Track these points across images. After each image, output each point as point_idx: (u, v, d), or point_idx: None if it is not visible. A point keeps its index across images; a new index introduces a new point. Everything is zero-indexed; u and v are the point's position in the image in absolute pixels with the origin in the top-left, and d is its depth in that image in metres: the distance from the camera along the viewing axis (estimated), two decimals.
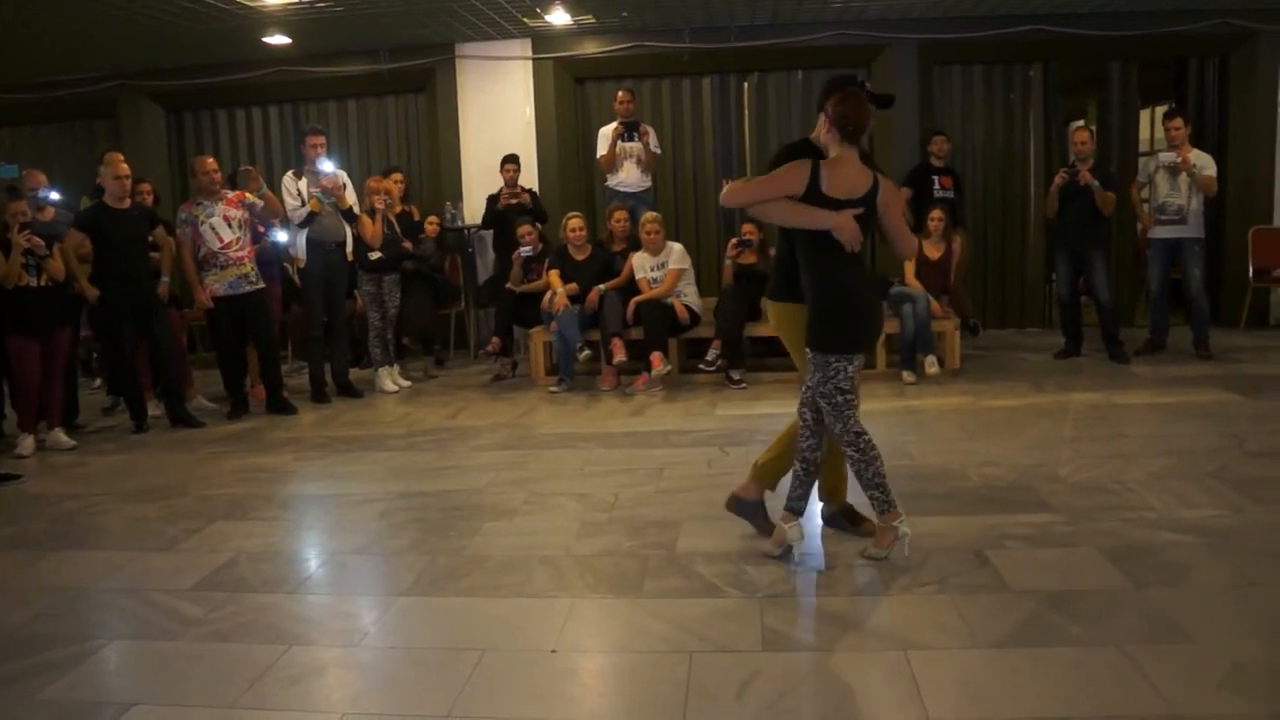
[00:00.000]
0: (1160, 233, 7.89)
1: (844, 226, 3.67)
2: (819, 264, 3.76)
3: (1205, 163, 7.73)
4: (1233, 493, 4.53)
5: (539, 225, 8.55)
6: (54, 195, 7.61)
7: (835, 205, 3.69)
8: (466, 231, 9.71)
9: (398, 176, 8.78)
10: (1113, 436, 5.71)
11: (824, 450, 3.90)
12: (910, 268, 7.78)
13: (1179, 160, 7.66)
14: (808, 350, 3.81)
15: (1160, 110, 9.24)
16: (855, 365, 3.78)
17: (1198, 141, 8.48)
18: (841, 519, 4.23)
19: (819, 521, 4.27)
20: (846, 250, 3.70)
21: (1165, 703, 2.72)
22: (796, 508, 3.89)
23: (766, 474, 4.20)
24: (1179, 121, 7.75)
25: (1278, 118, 9.23)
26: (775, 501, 4.10)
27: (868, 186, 3.73)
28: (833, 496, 4.26)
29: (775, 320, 4.15)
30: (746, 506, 4.21)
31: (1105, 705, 2.73)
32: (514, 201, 8.75)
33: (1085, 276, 8.04)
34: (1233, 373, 7.30)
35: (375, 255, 7.83)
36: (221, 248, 7.06)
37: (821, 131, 3.87)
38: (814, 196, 3.69)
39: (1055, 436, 5.72)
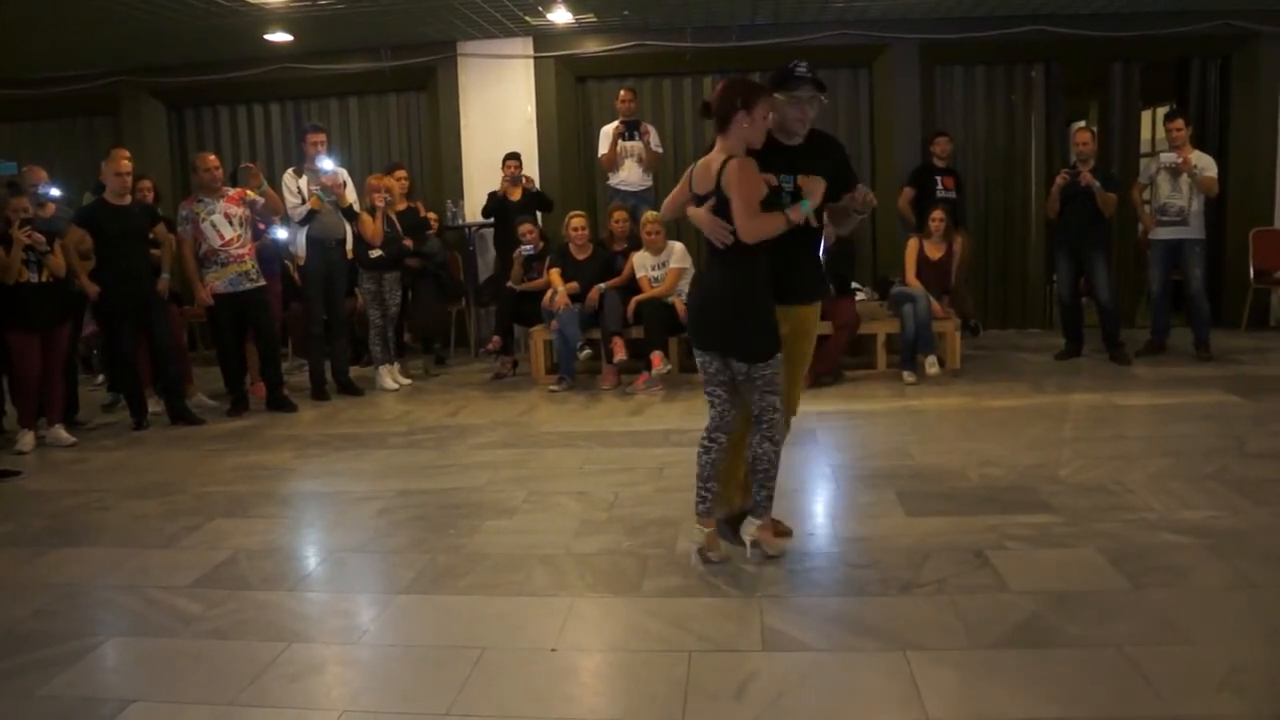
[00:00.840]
0: (1161, 234, 7.89)
1: (703, 221, 3.71)
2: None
3: (1206, 164, 7.73)
4: (1233, 494, 4.52)
5: (540, 224, 8.56)
6: (55, 191, 7.61)
7: (698, 201, 3.76)
8: (467, 230, 9.71)
9: (401, 174, 8.79)
10: (1113, 437, 5.71)
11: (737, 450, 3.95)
12: (911, 268, 7.79)
13: (1180, 161, 7.66)
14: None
15: (1162, 111, 9.24)
16: (703, 361, 3.83)
17: (1199, 143, 8.49)
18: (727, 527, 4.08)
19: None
20: (716, 245, 3.68)
21: (1164, 704, 2.72)
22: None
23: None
24: (1180, 123, 7.75)
25: (1278, 119, 9.23)
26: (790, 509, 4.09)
27: (715, 176, 3.67)
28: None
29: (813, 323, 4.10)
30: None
31: (1105, 706, 2.73)
32: (523, 192, 8.75)
33: (1086, 277, 8.04)
34: (1233, 374, 7.30)
35: (376, 253, 7.83)
36: (222, 245, 7.06)
37: None
38: (694, 197, 3.79)
39: (1055, 437, 5.71)
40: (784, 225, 3.60)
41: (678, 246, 7.94)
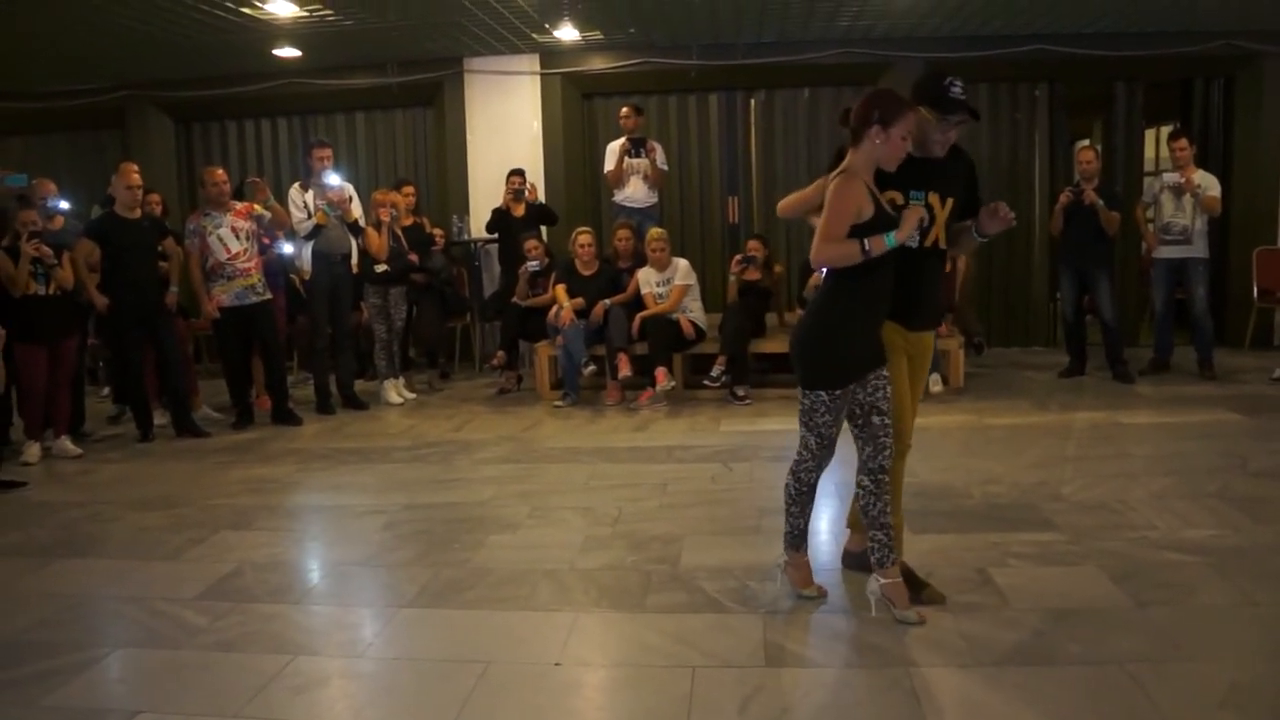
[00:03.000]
0: (1165, 253, 7.90)
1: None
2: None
3: (1209, 183, 7.74)
4: (1235, 512, 4.53)
5: (545, 239, 8.59)
6: (63, 204, 7.65)
7: None
8: (473, 245, 9.75)
9: (409, 189, 8.82)
10: (1116, 456, 5.71)
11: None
12: None
13: (1183, 181, 7.68)
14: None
15: (1165, 130, 9.28)
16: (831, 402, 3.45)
17: (1202, 162, 8.51)
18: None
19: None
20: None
21: None
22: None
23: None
24: (1184, 142, 7.78)
25: None
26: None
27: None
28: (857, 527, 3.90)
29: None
30: (855, 558, 3.92)
31: None
32: (527, 207, 8.78)
33: (1090, 295, 8.06)
34: (1236, 393, 7.30)
35: (381, 268, 7.86)
36: (229, 259, 7.09)
37: None
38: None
39: (1058, 455, 5.72)
40: (858, 256, 3.24)
41: (682, 263, 7.96)
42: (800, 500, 3.65)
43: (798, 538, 3.70)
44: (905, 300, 3.51)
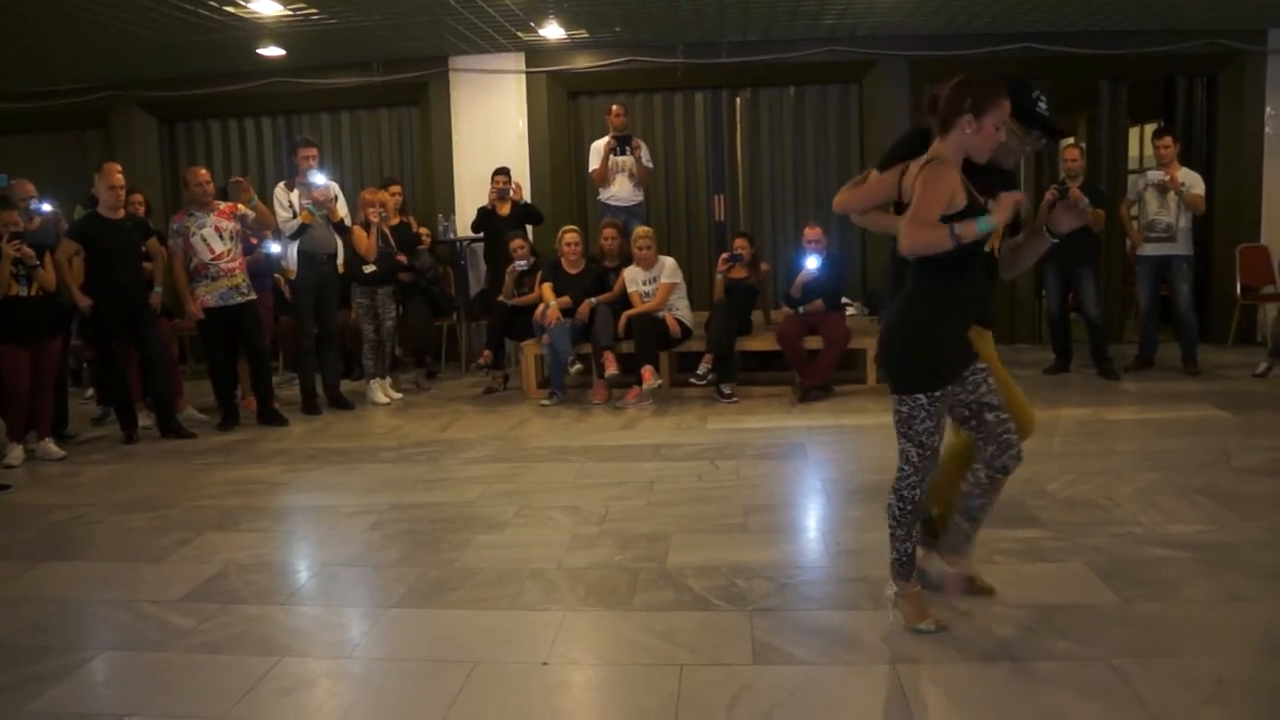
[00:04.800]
0: (1149, 250, 7.94)
1: (896, 227, 3.26)
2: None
3: (1193, 181, 7.79)
4: (1220, 508, 4.55)
5: (531, 239, 8.59)
6: (46, 207, 7.61)
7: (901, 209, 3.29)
8: (459, 244, 9.73)
9: (395, 189, 8.81)
10: (1101, 452, 5.74)
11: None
12: None
13: (1167, 179, 7.72)
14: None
15: (1150, 128, 9.32)
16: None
17: (1186, 160, 8.54)
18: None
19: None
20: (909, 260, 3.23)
21: (1152, 717, 2.73)
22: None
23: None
24: (1168, 140, 7.82)
25: (1264, 137, 9.32)
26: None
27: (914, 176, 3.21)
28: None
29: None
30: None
31: (1092, 719, 2.75)
32: (512, 206, 8.76)
33: (1075, 293, 8.09)
34: (1220, 389, 7.34)
35: (370, 268, 7.83)
36: (213, 259, 7.06)
37: None
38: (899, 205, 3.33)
39: (1044, 452, 5.72)
40: (948, 243, 3.04)
41: (668, 261, 7.96)
42: (906, 521, 3.34)
43: (906, 564, 3.36)
44: (980, 301, 3.41)
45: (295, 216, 7.43)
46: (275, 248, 8.04)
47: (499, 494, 5.31)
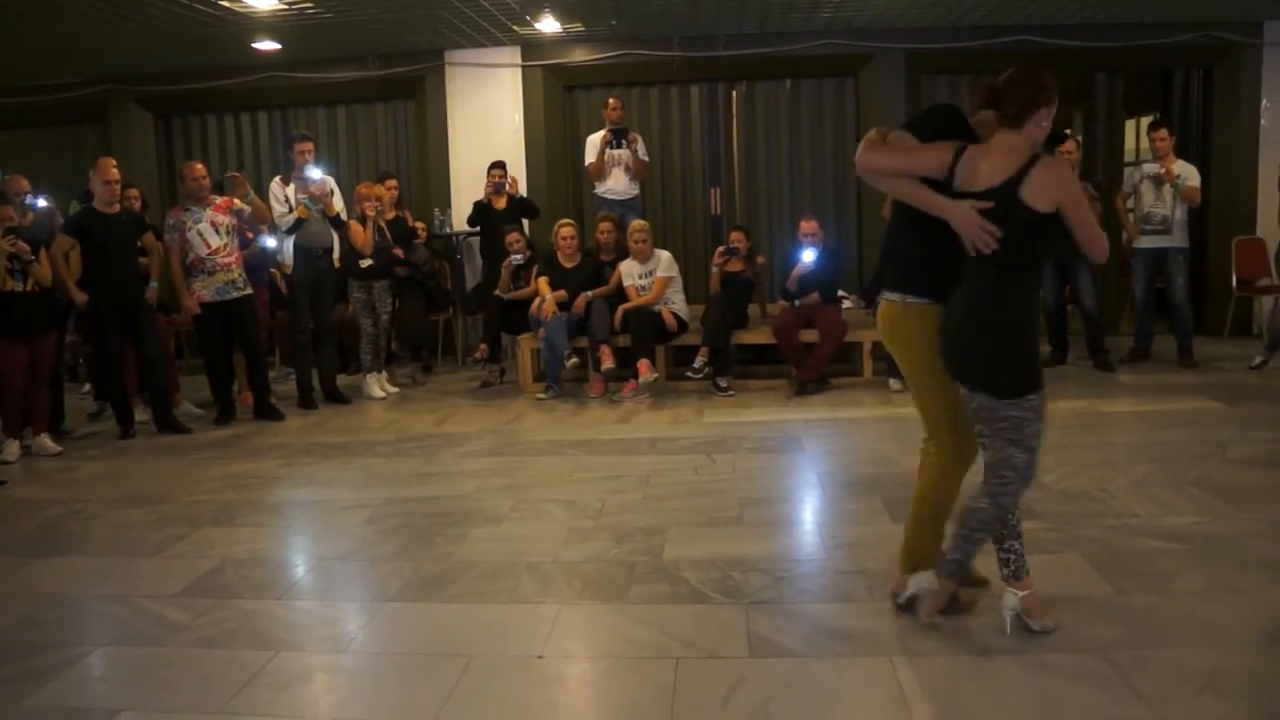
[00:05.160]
0: (1145, 242, 7.95)
1: (960, 218, 3.07)
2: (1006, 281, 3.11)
3: (1189, 173, 7.79)
4: (1215, 500, 4.56)
5: (527, 232, 8.58)
6: (41, 202, 7.59)
7: (952, 194, 3.13)
8: (454, 238, 9.72)
9: (391, 183, 8.79)
10: (1097, 444, 5.74)
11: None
12: None
13: (1163, 171, 7.72)
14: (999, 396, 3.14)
15: (1145, 121, 9.31)
16: (966, 396, 3.23)
17: (1182, 152, 8.55)
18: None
19: None
20: (970, 252, 3.10)
21: (1147, 708, 2.74)
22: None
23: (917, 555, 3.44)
24: (1163, 132, 7.82)
25: (1260, 129, 9.31)
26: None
27: (1007, 175, 3.04)
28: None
29: (912, 324, 3.35)
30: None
31: (1088, 711, 2.76)
32: (508, 200, 8.75)
33: (1071, 285, 8.09)
34: (1216, 381, 7.35)
35: (366, 263, 7.82)
36: (209, 254, 7.05)
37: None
38: (945, 187, 3.14)
39: (1040, 443, 5.73)
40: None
41: (664, 255, 7.96)
42: (990, 529, 3.19)
43: (962, 567, 3.26)
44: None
45: (291, 211, 7.42)
46: (271, 242, 8.03)
47: (495, 488, 5.32)
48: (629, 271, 7.93)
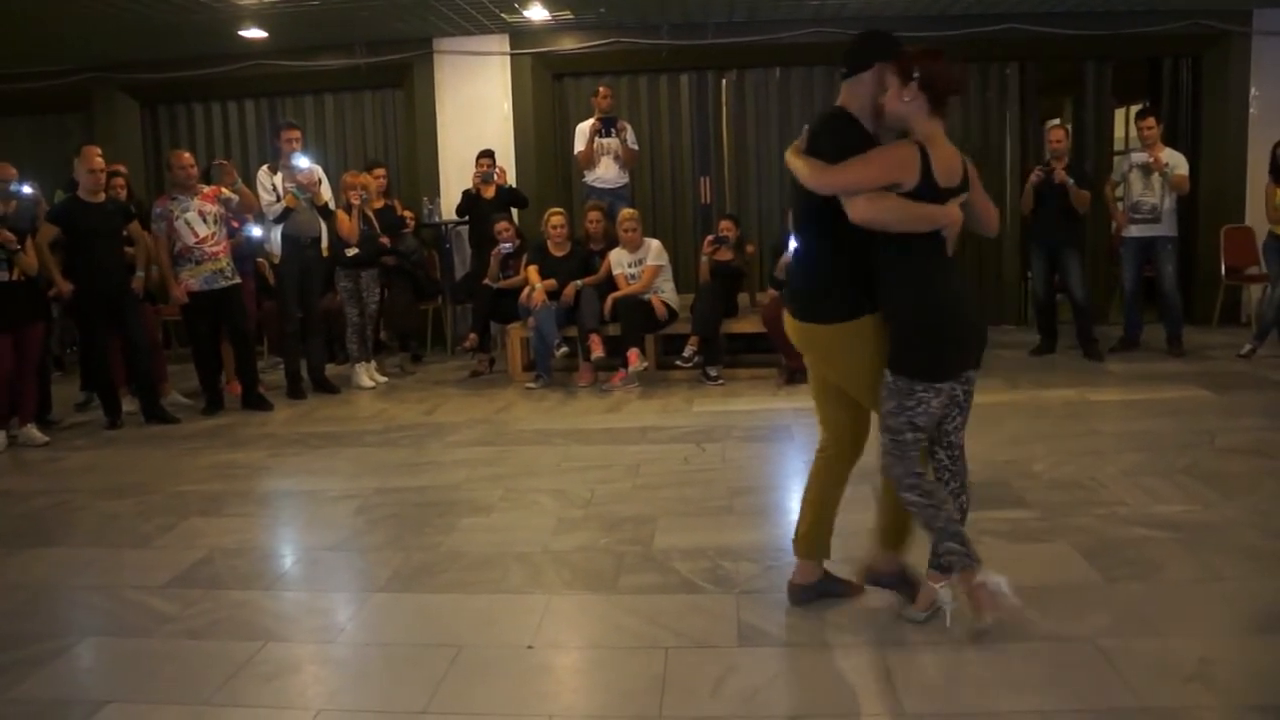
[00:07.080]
0: (1134, 231, 7.95)
1: (957, 223, 3.05)
2: (910, 270, 3.06)
3: (1177, 162, 7.79)
4: (1203, 488, 4.58)
5: (516, 221, 8.55)
6: (26, 189, 7.52)
7: (941, 197, 3.01)
8: (443, 227, 9.69)
9: (380, 171, 8.75)
10: (1086, 433, 5.76)
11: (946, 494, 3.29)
12: None
13: (1151, 160, 7.72)
14: (886, 373, 3.18)
15: (1134, 109, 9.32)
16: (940, 398, 3.25)
17: (1171, 141, 8.56)
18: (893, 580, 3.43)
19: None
20: (944, 250, 3.05)
21: (1136, 695, 2.75)
22: (946, 564, 3.22)
23: (890, 540, 3.44)
24: (1151, 121, 7.81)
25: (1249, 118, 9.32)
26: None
27: (962, 168, 3.10)
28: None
29: (831, 343, 3.41)
30: (883, 579, 3.42)
31: (1077, 699, 2.76)
32: (497, 189, 8.72)
33: (1060, 274, 8.10)
34: (1205, 369, 7.37)
35: (352, 252, 7.79)
36: (196, 243, 7.00)
37: (891, 99, 3.06)
38: (927, 188, 2.98)
39: (1030, 433, 5.75)
40: None
41: (654, 244, 7.94)
42: (929, 514, 3.21)
43: (960, 554, 3.15)
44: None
45: (279, 200, 7.38)
46: (257, 231, 7.98)
47: (484, 478, 5.30)
48: (618, 260, 7.91)
